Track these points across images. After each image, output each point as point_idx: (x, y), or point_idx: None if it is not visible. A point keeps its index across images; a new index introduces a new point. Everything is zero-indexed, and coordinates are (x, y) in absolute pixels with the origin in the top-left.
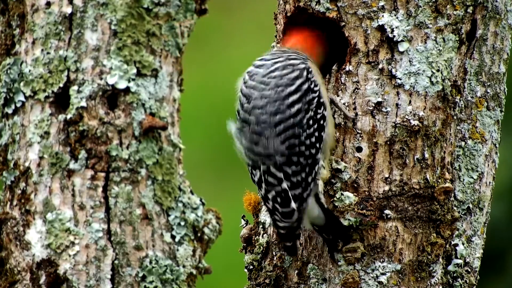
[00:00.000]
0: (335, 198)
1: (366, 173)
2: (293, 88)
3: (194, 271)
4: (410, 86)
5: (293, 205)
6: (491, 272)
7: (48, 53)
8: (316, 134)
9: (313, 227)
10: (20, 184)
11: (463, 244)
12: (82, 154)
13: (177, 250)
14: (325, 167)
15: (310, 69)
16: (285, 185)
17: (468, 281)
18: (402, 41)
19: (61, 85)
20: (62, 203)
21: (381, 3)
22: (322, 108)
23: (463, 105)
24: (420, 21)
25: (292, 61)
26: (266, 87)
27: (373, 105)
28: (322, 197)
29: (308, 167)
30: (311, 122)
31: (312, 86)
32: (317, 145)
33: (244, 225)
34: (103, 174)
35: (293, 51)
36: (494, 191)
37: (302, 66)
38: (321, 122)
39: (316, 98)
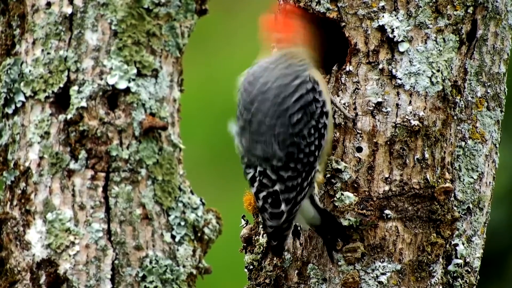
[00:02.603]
0: (335, 198)
1: (366, 173)
2: (293, 99)
3: (194, 271)
4: (410, 86)
5: (283, 207)
6: (491, 276)
7: (48, 53)
8: (316, 142)
9: (311, 227)
10: (20, 184)
11: (463, 244)
12: (82, 154)
13: (177, 250)
14: (320, 171)
15: (315, 79)
16: (277, 187)
17: (468, 281)
18: (402, 41)
19: (61, 85)
20: (62, 203)
21: (382, 4)
22: (325, 117)
23: (463, 105)
24: (420, 22)
25: (294, 68)
26: (266, 98)
27: (373, 105)
28: (317, 199)
29: (304, 173)
30: (312, 131)
31: (317, 96)
32: (316, 153)
33: (244, 225)
34: (103, 174)
35: (294, 54)
36: (494, 194)
37: (305, 73)
38: (322, 130)
39: (320, 108)
